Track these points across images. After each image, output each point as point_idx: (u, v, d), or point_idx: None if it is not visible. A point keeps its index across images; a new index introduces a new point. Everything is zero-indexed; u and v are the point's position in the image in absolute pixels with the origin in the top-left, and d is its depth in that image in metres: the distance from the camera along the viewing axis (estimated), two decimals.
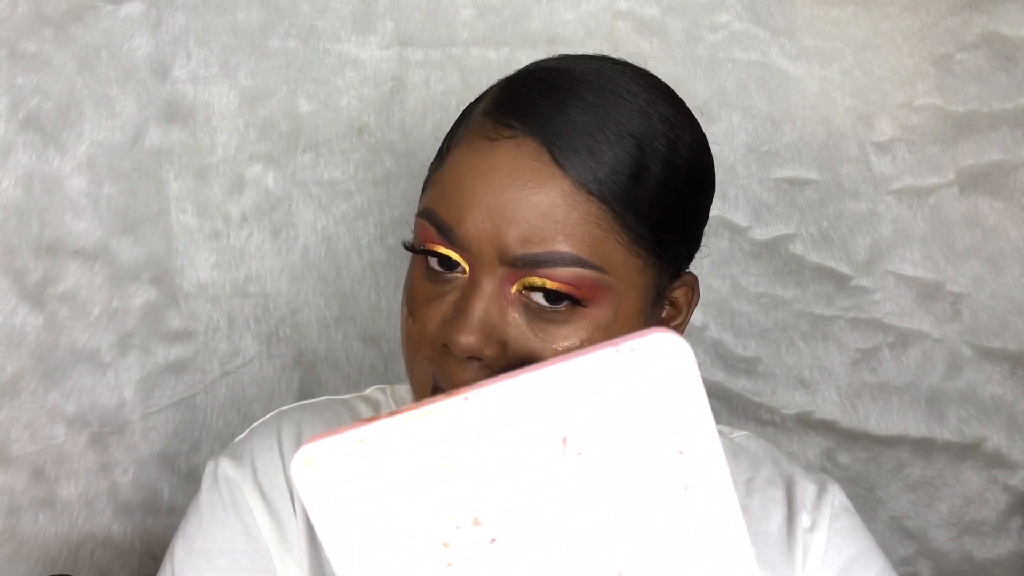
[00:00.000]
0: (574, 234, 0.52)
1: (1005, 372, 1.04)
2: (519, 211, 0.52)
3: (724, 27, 1.01)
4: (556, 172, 0.52)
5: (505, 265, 0.52)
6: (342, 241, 1.01)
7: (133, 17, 0.97)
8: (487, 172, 0.53)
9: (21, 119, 0.95)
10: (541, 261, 0.52)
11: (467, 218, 0.53)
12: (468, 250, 0.53)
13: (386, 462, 0.34)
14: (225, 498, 0.62)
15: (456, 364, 0.53)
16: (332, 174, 1.01)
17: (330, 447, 0.34)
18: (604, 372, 0.34)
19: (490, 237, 0.52)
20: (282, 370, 1.02)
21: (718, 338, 1.05)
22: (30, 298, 0.96)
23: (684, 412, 0.34)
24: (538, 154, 0.53)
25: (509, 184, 0.52)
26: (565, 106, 0.54)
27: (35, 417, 0.97)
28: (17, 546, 0.97)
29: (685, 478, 0.35)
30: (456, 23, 1.00)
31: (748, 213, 1.03)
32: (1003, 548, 1.06)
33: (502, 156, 0.53)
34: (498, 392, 0.34)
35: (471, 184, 0.53)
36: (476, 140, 0.55)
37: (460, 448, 0.34)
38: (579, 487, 0.35)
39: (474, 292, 0.53)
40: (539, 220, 0.52)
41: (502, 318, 0.53)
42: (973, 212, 1.02)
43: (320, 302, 1.02)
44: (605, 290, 0.53)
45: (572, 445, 0.34)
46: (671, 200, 0.56)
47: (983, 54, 1.01)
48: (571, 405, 0.34)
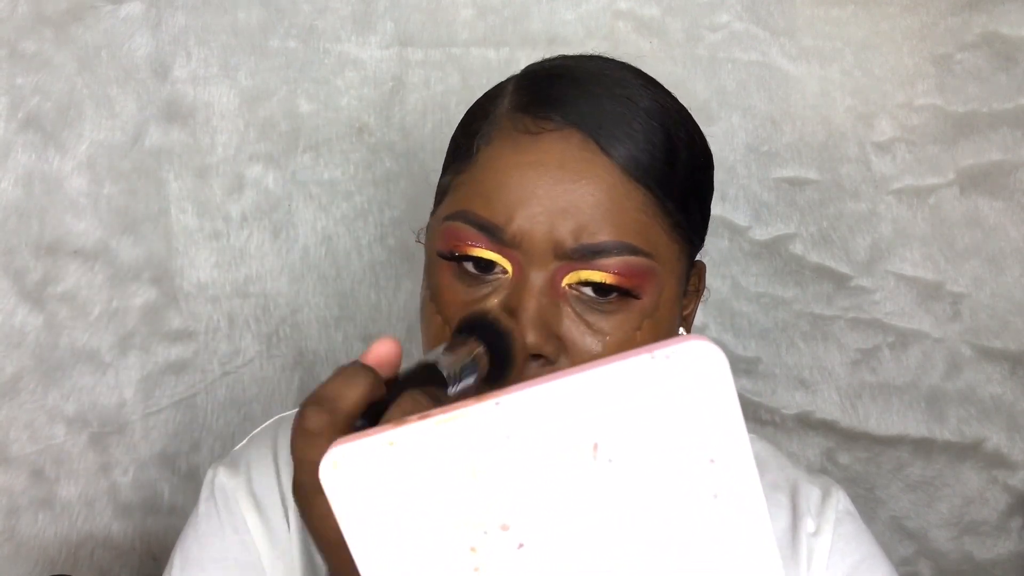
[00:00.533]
0: (625, 222, 0.52)
1: (1005, 372, 1.04)
2: (573, 203, 0.52)
3: (724, 27, 1.01)
4: (606, 161, 0.52)
5: (559, 259, 0.52)
6: (342, 241, 1.01)
7: (133, 17, 0.97)
8: (535, 165, 0.52)
9: (21, 119, 0.95)
10: (597, 251, 0.52)
11: (518, 214, 0.52)
12: (519, 247, 0.52)
13: (415, 466, 0.34)
14: (220, 508, 0.62)
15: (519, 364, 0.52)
16: (332, 174, 1.01)
17: (358, 450, 0.34)
18: (638, 379, 0.34)
19: (544, 231, 0.52)
20: (282, 370, 1.02)
21: (718, 338, 1.05)
22: (30, 298, 0.96)
23: (716, 420, 0.34)
24: (585, 144, 0.53)
25: (562, 176, 0.52)
26: (598, 97, 0.54)
27: (35, 417, 0.97)
28: (17, 546, 0.97)
29: (715, 487, 0.35)
30: (456, 23, 1.00)
31: (748, 213, 1.03)
32: (1003, 548, 1.06)
33: (549, 148, 0.53)
34: (529, 397, 0.34)
35: (519, 179, 0.52)
36: (515, 135, 0.54)
37: (490, 453, 0.34)
38: (609, 494, 0.35)
39: (527, 289, 0.52)
40: (593, 210, 0.52)
41: (556, 313, 0.52)
42: (973, 212, 1.02)
43: (320, 302, 1.02)
44: (652, 277, 0.53)
45: (603, 451, 0.34)
46: (696, 184, 0.57)
47: (983, 54, 1.01)
48: (603, 411, 0.34)
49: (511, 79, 0.59)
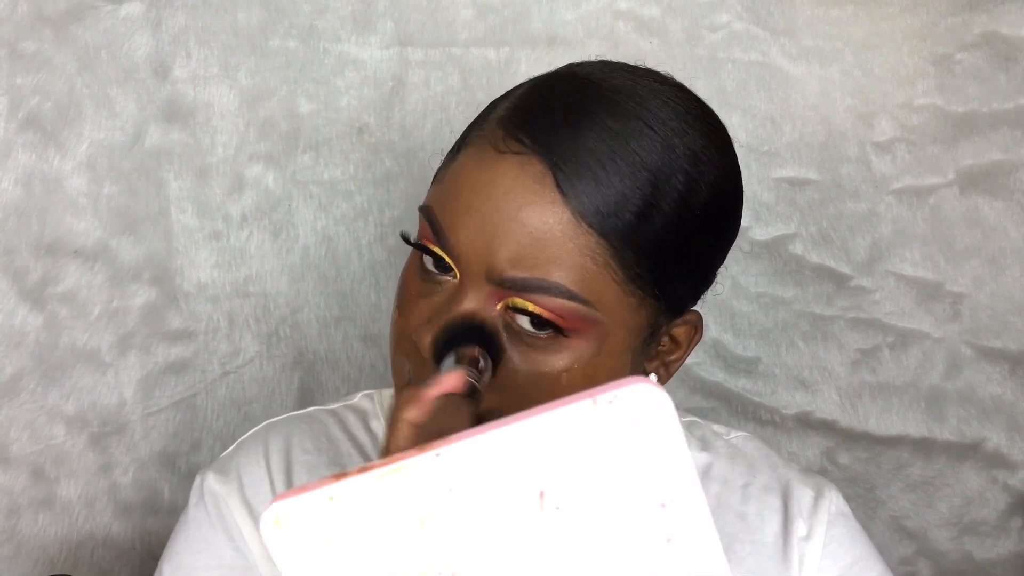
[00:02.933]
0: (566, 264, 0.50)
1: (1005, 372, 1.04)
2: (512, 231, 0.50)
3: (724, 27, 1.01)
4: (557, 198, 0.50)
5: (492, 283, 0.51)
6: (342, 241, 1.01)
7: (133, 17, 0.96)
8: (486, 185, 0.52)
9: (21, 119, 0.95)
10: (528, 287, 0.50)
11: (460, 227, 0.52)
12: (458, 259, 0.52)
13: (358, 519, 0.33)
14: (212, 514, 0.62)
15: (425, 367, 0.52)
16: (332, 174, 1.01)
17: (299, 505, 0.33)
18: (581, 424, 0.33)
19: (480, 252, 0.51)
20: (282, 370, 1.02)
21: (718, 338, 1.05)
22: (30, 298, 0.96)
23: (664, 463, 0.34)
24: (542, 176, 0.51)
25: (506, 203, 0.51)
26: (580, 128, 0.52)
27: (35, 417, 0.97)
28: (17, 546, 0.97)
29: (668, 530, 0.34)
30: (456, 23, 1.00)
31: (748, 213, 1.03)
32: (1003, 548, 1.06)
33: (504, 172, 0.51)
34: (471, 447, 0.33)
35: (468, 194, 0.52)
36: (484, 148, 0.53)
37: (434, 504, 0.34)
38: (558, 542, 0.34)
39: (458, 300, 0.52)
40: (532, 244, 0.50)
41: (481, 327, 0.52)
42: (973, 212, 1.02)
43: (320, 302, 1.02)
44: (592, 325, 0.52)
45: (550, 499, 0.34)
46: (679, 241, 0.54)
47: (983, 54, 1.01)
48: (548, 458, 0.33)
49: (526, 82, 0.58)
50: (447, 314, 0.51)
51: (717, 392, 1.06)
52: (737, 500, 0.65)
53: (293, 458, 0.63)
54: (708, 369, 1.05)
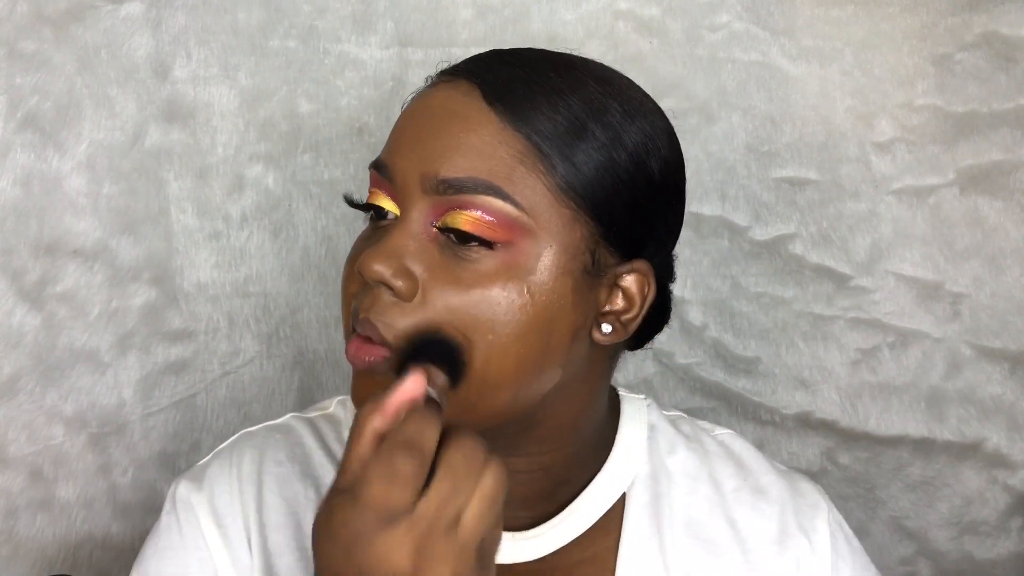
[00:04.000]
0: (496, 166, 0.52)
1: (1005, 372, 1.04)
2: (444, 141, 0.53)
3: (724, 27, 1.01)
4: (483, 107, 0.53)
5: (428, 193, 0.53)
6: (342, 241, 1.01)
7: (133, 17, 0.96)
8: (419, 111, 0.56)
9: (20, 119, 0.95)
10: (463, 186, 0.52)
11: (397, 150, 0.55)
12: (394, 181, 0.54)
13: None
14: (182, 523, 0.62)
15: (367, 294, 0.53)
16: (332, 174, 1.01)
17: None
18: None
19: (414, 164, 0.53)
20: (282, 370, 1.02)
21: (718, 338, 1.05)
22: (28, 298, 0.96)
23: None
24: (470, 91, 0.54)
25: (437, 117, 0.54)
26: (515, 66, 0.55)
27: (33, 418, 0.97)
28: (15, 547, 0.97)
29: None
30: (456, 23, 1.00)
31: (748, 213, 1.03)
32: (1003, 548, 1.06)
33: (437, 95, 0.55)
34: None
35: (404, 122, 0.56)
36: (420, 90, 0.58)
37: None
38: None
39: (397, 225, 0.54)
40: (464, 150, 0.53)
41: (418, 252, 0.53)
42: (973, 212, 1.02)
43: (320, 302, 1.01)
44: (523, 232, 0.52)
45: None
46: (613, 167, 0.55)
47: (983, 54, 1.01)
48: None
49: None
50: (384, 238, 0.53)
51: (717, 392, 1.06)
52: (727, 504, 0.64)
53: (265, 469, 0.63)
54: (708, 369, 1.05)
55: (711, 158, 1.02)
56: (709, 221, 1.03)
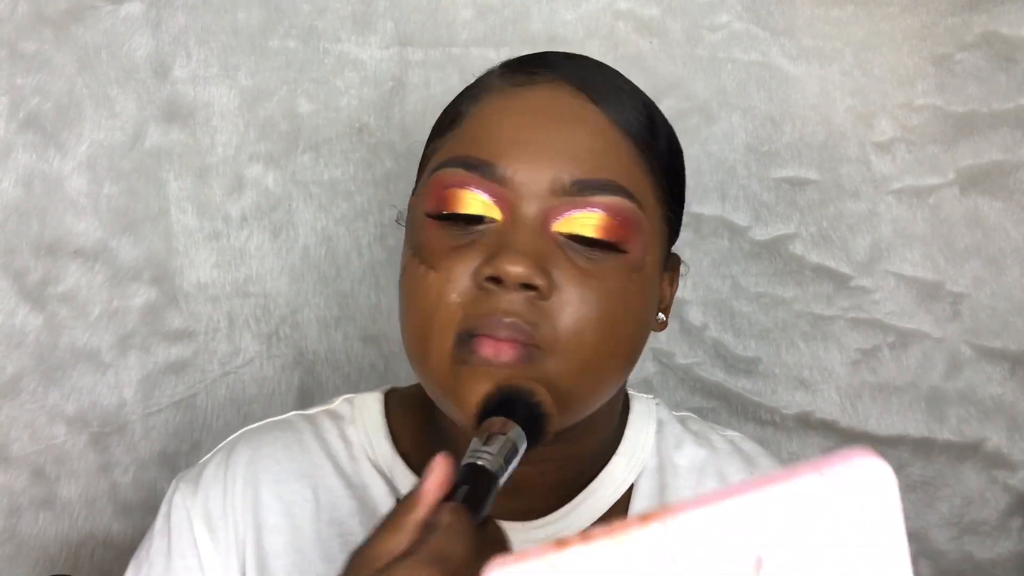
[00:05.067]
0: (617, 166, 0.54)
1: (1005, 372, 1.04)
2: (568, 143, 0.53)
3: (724, 27, 1.01)
4: (595, 110, 0.54)
5: (557, 195, 0.52)
6: (342, 241, 1.01)
7: (133, 17, 0.97)
8: (527, 111, 0.54)
9: (21, 119, 0.95)
10: (593, 187, 0.53)
11: (514, 151, 0.53)
12: (511, 184, 0.52)
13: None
14: (174, 523, 0.62)
15: (503, 297, 0.51)
16: (332, 174, 1.01)
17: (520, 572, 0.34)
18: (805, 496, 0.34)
19: (541, 167, 0.52)
20: (282, 370, 1.02)
21: (718, 338, 1.05)
22: (30, 298, 0.96)
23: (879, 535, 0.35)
24: (576, 95, 0.54)
25: (555, 119, 0.54)
26: (585, 62, 0.57)
27: (35, 417, 0.97)
28: (17, 546, 0.97)
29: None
30: (456, 23, 1.00)
31: (748, 213, 1.03)
32: (1003, 548, 1.06)
33: (540, 96, 0.54)
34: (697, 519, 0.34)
35: (512, 122, 0.54)
36: (505, 89, 0.55)
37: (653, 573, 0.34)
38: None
39: (518, 225, 0.52)
40: (588, 152, 0.53)
41: (547, 250, 0.52)
42: (973, 212, 1.02)
43: (320, 302, 1.01)
44: (639, 230, 0.54)
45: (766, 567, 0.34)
46: (676, 163, 0.59)
47: (983, 54, 1.01)
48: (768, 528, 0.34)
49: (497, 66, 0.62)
50: (514, 238, 0.51)
51: (717, 392, 1.06)
52: None
53: (262, 468, 0.63)
54: (708, 369, 1.05)
55: (711, 158, 1.02)
56: (709, 221, 1.03)
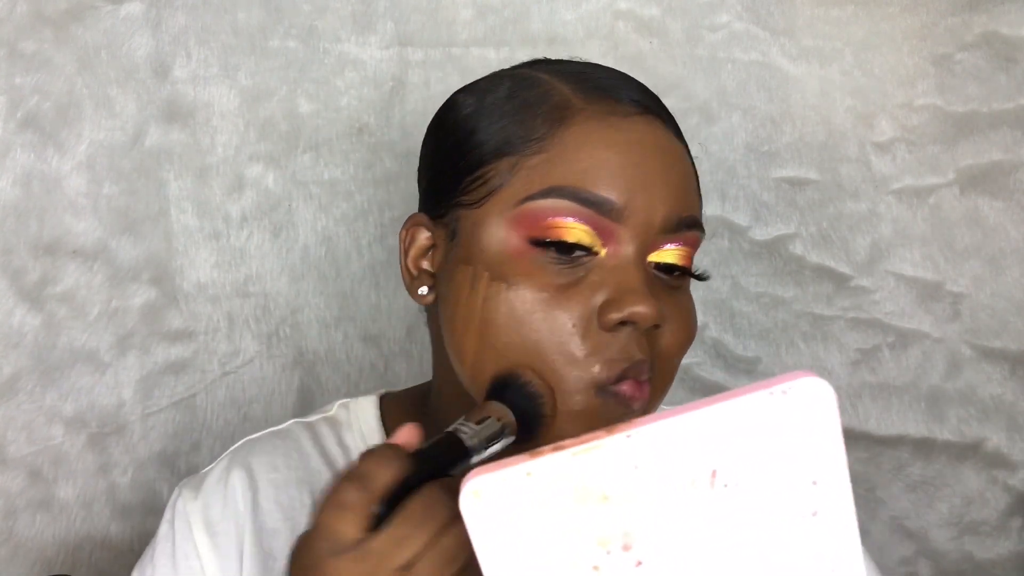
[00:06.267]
0: (695, 199, 0.57)
1: (1005, 372, 1.04)
2: (671, 182, 0.55)
3: (724, 27, 1.01)
4: (680, 146, 0.57)
5: (664, 232, 0.54)
6: (342, 241, 1.01)
7: (133, 17, 0.96)
8: (632, 147, 0.54)
9: (20, 119, 0.95)
10: (685, 223, 0.55)
11: (625, 189, 0.53)
12: (625, 221, 0.53)
13: (549, 492, 0.37)
14: (176, 530, 0.63)
15: (635, 341, 0.53)
16: (332, 174, 1.01)
17: (499, 479, 0.37)
18: (755, 412, 0.37)
19: (652, 207, 0.53)
20: (282, 370, 1.01)
21: (718, 338, 1.05)
22: (28, 298, 0.96)
23: (822, 447, 0.38)
24: (666, 130, 0.56)
25: (657, 156, 0.55)
26: (641, 84, 0.58)
27: (33, 418, 0.97)
28: (14, 548, 0.97)
29: (815, 505, 0.39)
30: (456, 23, 1.00)
31: (748, 213, 1.03)
32: (1003, 548, 1.06)
33: (644, 130, 0.55)
34: (659, 430, 0.37)
35: (621, 158, 0.54)
36: (603, 116, 0.55)
37: (619, 480, 0.37)
38: (721, 515, 0.38)
39: (635, 263, 0.53)
40: (682, 191, 0.56)
41: (651, 283, 0.54)
42: (973, 212, 1.03)
43: (320, 302, 1.01)
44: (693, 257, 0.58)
45: (720, 478, 0.38)
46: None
47: (983, 54, 1.01)
48: (722, 441, 0.37)
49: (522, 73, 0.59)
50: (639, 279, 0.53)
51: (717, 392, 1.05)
52: None
53: (262, 476, 0.64)
54: (708, 369, 1.05)
55: (711, 158, 1.02)
56: (709, 221, 1.03)
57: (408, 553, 0.43)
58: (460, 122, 0.60)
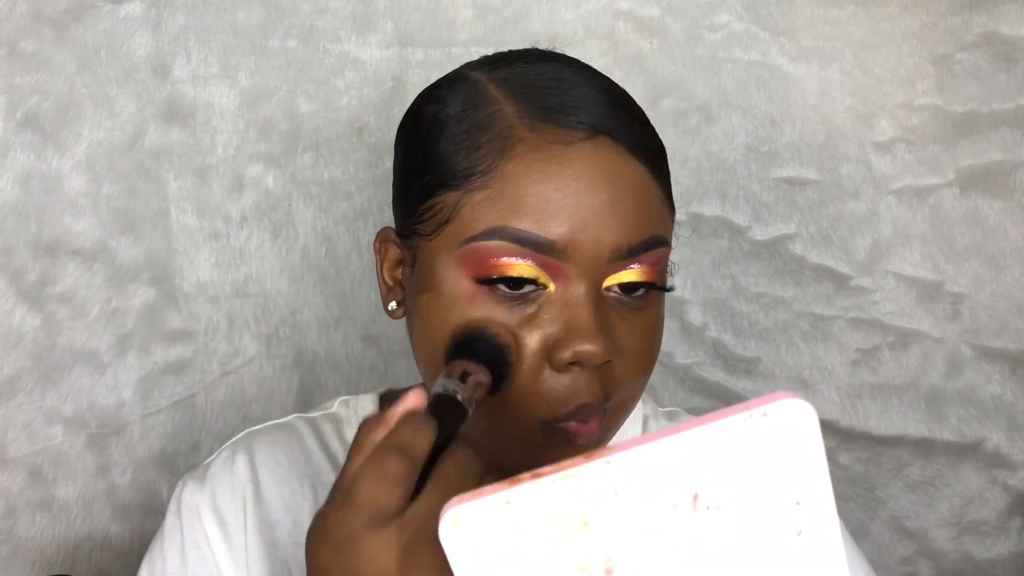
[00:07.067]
0: (658, 217, 0.54)
1: (1005, 372, 1.04)
2: (621, 211, 0.52)
3: (724, 27, 1.01)
4: (634, 163, 0.53)
5: (613, 262, 0.52)
6: (342, 241, 1.01)
7: (133, 17, 0.96)
8: (578, 177, 0.52)
9: (20, 118, 0.95)
10: (641, 249, 0.53)
11: (571, 226, 0.51)
12: (570, 259, 0.52)
13: (528, 520, 0.37)
14: (184, 522, 0.63)
15: (584, 383, 0.52)
16: (332, 174, 1.01)
17: (477, 509, 0.37)
18: (736, 434, 0.37)
19: (600, 241, 0.52)
20: (282, 370, 1.01)
21: (718, 338, 1.05)
22: (28, 298, 0.96)
23: (804, 467, 0.38)
24: (615, 148, 0.53)
25: (605, 185, 0.52)
26: (597, 93, 0.55)
27: (33, 418, 0.97)
28: (14, 548, 0.97)
29: (799, 525, 0.38)
30: (456, 23, 1.00)
31: (748, 213, 1.03)
32: (1003, 548, 1.06)
33: (586, 158, 0.52)
34: (638, 455, 0.37)
35: (563, 192, 0.52)
36: (543, 147, 0.52)
37: (599, 506, 0.37)
38: (704, 537, 0.38)
39: (584, 298, 0.52)
40: (636, 215, 0.53)
41: (604, 314, 0.53)
42: (973, 212, 1.03)
43: (320, 302, 1.01)
44: (664, 269, 0.56)
45: (702, 500, 0.37)
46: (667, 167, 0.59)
47: (983, 54, 1.01)
48: (703, 464, 0.37)
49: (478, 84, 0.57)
50: (586, 316, 0.52)
51: (717, 392, 1.06)
52: None
53: (263, 468, 0.64)
54: (708, 369, 1.05)
55: (711, 158, 1.02)
56: (709, 221, 1.03)
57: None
58: (420, 137, 0.57)
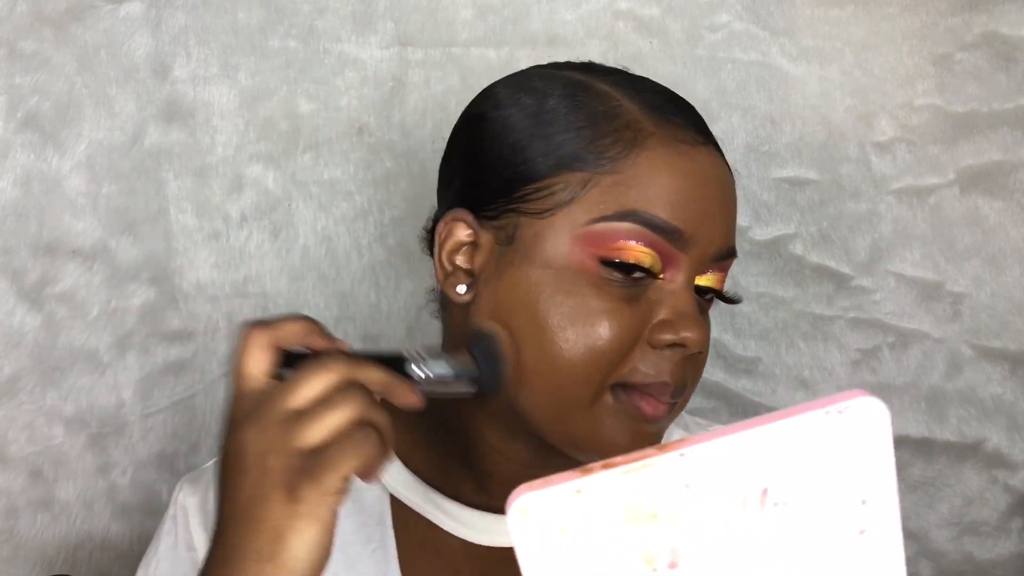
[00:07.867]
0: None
1: (1005, 372, 1.04)
2: (731, 215, 0.58)
3: (724, 27, 1.01)
4: (730, 174, 0.59)
5: (711, 261, 0.57)
6: (342, 241, 1.01)
7: (133, 17, 0.96)
8: (701, 179, 0.56)
9: (20, 119, 0.95)
10: (728, 254, 0.58)
11: (695, 221, 0.55)
12: (687, 250, 0.55)
13: (598, 510, 0.37)
14: (178, 524, 0.64)
15: (677, 364, 0.56)
16: (332, 174, 1.01)
17: (547, 497, 0.37)
18: (809, 431, 0.37)
19: (718, 237, 0.56)
20: None
21: (718, 338, 1.05)
22: (28, 298, 0.96)
23: (873, 466, 0.38)
24: (721, 159, 0.58)
25: (721, 189, 0.57)
26: (698, 116, 0.60)
27: (33, 418, 0.97)
28: (15, 548, 0.97)
29: (863, 523, 0.39)
30: (456, 23, 1.00)
31: (748, 213, 1.03)
32: (1003, 548, 1.06)
33: (707, 161, 0.57)
34: (712, 449, 0.37)
35: (691, 190, 0.55)
36: (674, 144, 0.56)
37: (669, 499, 0.37)
38: (770, 533, 0.38)
39: (680, 286, 0.56)
40: (733, 221, 0.59)
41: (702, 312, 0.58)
42: (973, 212, 1.02)
43: (320, 302, 1.01)
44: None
45: (771, 497, 0.38)
46: None
47: (983, 54, 1.01)
48: (774, 460, 0.37)
49: (583, 81, 0.59)
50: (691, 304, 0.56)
51: (717, 392, 1.05)
52: None
53: None
54: (708, 369, 1.04)
55: None
56: None
57: (300, 400, 0.45)
58: (514, 124, 0.58)
